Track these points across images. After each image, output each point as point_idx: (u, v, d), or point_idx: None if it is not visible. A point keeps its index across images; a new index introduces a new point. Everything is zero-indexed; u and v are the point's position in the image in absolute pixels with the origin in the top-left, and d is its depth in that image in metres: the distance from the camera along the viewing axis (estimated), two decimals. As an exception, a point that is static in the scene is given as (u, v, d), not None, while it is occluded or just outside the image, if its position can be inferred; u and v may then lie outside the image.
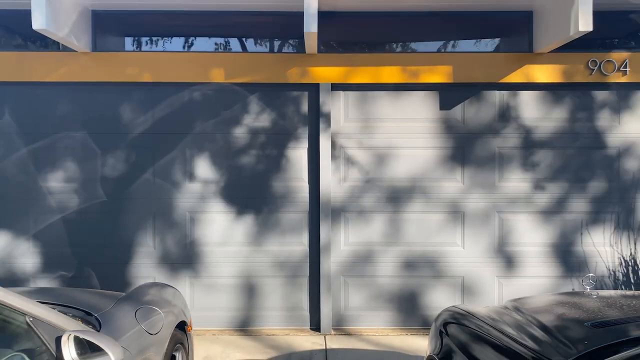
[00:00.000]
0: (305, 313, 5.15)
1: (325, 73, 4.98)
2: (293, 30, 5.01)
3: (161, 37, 5.23)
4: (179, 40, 5.25)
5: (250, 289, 5.14)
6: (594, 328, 2.10)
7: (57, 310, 2.14)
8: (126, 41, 5.24)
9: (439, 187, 5.09)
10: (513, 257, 5.11)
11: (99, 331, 2.31)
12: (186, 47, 5.23)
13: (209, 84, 5.05)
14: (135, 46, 5.24)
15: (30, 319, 1.86)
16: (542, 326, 2.30)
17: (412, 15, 5.06)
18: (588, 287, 2.99)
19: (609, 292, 2.99)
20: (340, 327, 5.14)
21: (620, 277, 5.12)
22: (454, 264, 5.11)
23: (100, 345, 1.88)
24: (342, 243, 5.12)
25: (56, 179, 5.06)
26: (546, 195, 5.11)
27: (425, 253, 5.10)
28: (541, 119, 5.11)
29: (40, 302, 2.06)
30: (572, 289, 5.05)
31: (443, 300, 5.09)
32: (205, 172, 5.09)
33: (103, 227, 5.06)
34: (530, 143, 5.11)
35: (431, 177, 5.09)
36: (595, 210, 5.11)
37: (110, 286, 4.83)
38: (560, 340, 2.04)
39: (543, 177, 5.11)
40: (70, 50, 4.95)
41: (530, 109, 5.11)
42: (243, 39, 5.25)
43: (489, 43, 5.28)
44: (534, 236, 5.11)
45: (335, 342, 4.81)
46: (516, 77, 5.02)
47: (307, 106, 5.09)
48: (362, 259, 5.12)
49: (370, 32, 5.24)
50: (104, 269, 5.08)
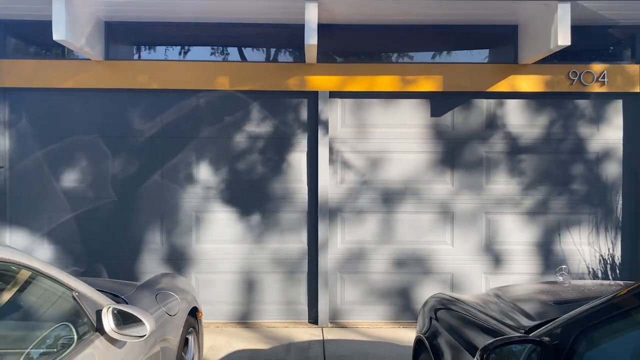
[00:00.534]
0: (304, 307, 5.46)
1: (324, 82, 5.31)
2: (293, 41, 5.36)
3: (169, 46, 5.55)
4: (186, 49, 5.57)
5: (252, 284, 5.45)
6: (555, 305, 2.44)
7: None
8: (136, 50, 5.57)
9: (430, 189, 5.43)
10: (499, 255, 5.45)
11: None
12: (192, 57, 5.55)
13: (214, 91, 5.37)
14: (144, 55, 5.56)
15: (76, 294, 2.18)
16: (517, 307, 2.63)
17: (405, 28, 5.41)
18: (561, 277, 3.32)
19: (578, 282, 3.32)
20: (337, 321, 5.45)
21: (599, 274, 5.47)
22: (443, 262, 5.44)
23: (137, 315, 2.19)
24: (338, 241, 5.44)
25: (70, 179, 5.36)
26: (530, 197, 5.45)
27: (417, 251, 5.43)
28: (526, 125, 5.46)
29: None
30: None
31: (433, 295, 5.41)
32: (210, 174, 5.40)
33: (113, 225, 5.36)
34: (515, 148, 5.46)
35: (422, 179, 5.43)
36: (576, 212, 5.46)
37: (120, 280, 5.13)
38: (529, 315, 2.38)
39: (527, 180, 5.46)
40: (84, 59, 5.27)
41: (515, 116, 5.46)
42: (246, 49, 5.58)
43: (477, 54, 5.63)
44: (519, 235, 5.45)
45: (332, 334, 5.13)
46: (502, 86, 5.37)
47: (306, 113, 5.42)
48: (357, 257, 5.45)
49: (366, 43, 5.58)
50: (113, 264, 5.37)
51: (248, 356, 4.56)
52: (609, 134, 5.46)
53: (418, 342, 3.08)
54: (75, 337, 2.12)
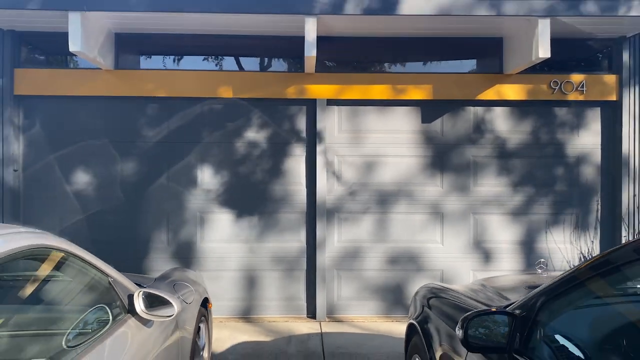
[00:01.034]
0: (302, 303, 5.78)
1: (321, 90, 5.65)
2: (293, 52, 5.70)
3: (175, 56, 5.87)
4: (191, 59, 5.89)
5: (253, 281, 5.76)
6: (529, 289, 2.78)
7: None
8: (144, 60, 5.88)
9: (421, 191, 5.78)
10: (486, 252, 5.80)
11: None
12: (197, 66, 5.87)
13: (218, 99, 5.69)
14: (152, 64, 5.87)
15: (111, 279, 2.49)
16: (500, 294, 2.96)
17: (397, 40, 5.77)
18: (540, 269, 3.66)
19: (555, 272, 3.67)
20: (334, 315, 5.77)
21: (580, 271, 5.82)
22: (434, 259, 5.78)
23: (166, 297, 2.51)
24: (335, 240, 5.77)
25: (80, 182, 5.66)
26: (515, 198, 5.81)
27: (409, 249, 5.77)
28: (510, 131, 5.82)
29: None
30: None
31: (424, 291, 5.76)
32: (213, 177, 5.72)
33: (122, 225, 5.65)
34: (501, 153, 5.82)
35: (414, 182, 5.77)
36: (557, 212, 5.82)
37: (129, 278, 5.42)
38: (506, 298, 2.72)
39: (512, 182, 5.82)
40: (94, 68, 5.57)
41: (501, 122, 5.82)
42: (248, 59, 5.91)
43: (465, 64, 6.00)
44: (505, 234, 5.81)
45: (329, 328, 5.45)
46: (488, 94, 5.73)
47: (305, 119, 5.76)
48: (353, 255, 5.77)
49: (361, 54, 5.93)
50: (122, 263, 5.56)
51: (251, 347, 4.86)
52: (588, 140, 5.84)
53: (410, 327, 3.41)
54: (111, 317, 2.42)
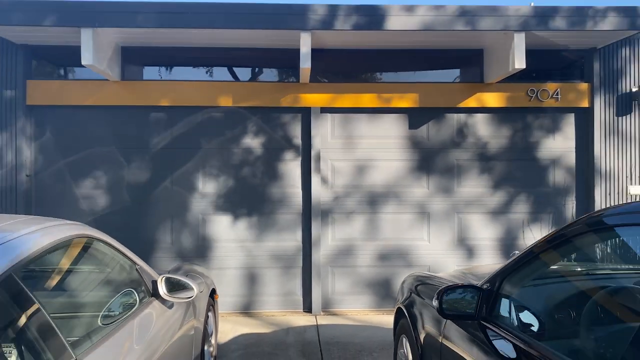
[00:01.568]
0: (299, 298, 6.16)
1: (315, 99, 6.06)
2: (289, 63, 6.11)
3: (177, 67, 6.25)
4: (192, 70, 6.28)
5: (252, 278, 6.13)
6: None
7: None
8: (148, 71, 6.26)
9: (409, 192, 6.19)
10: (469, 249, 6.22)
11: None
12: (198, 77, 6.26)
13: (218, 107, 6.08)
14: (156, 75, 6.25)
15: (138, 267, 2.86)
16: (477, 278, 3.37)
17: (386, 52, 6.20)
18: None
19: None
20: (328, 309, 6.16)
21: (557, 266, 6.26)
22: (421, 255, 6.20)
23: (186, 280, 2.89)
24: (329, 239, 6.17)
25: (89, 186, 6.01)
26: (496, 198, 6.24)
27: (398, 246, 6.18)
28: (491, 136, 6.26)
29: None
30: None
31: (413, 285, 6.16)
32: (214, 181, 6.10)
33: (129, 227, 6.00)
34: (482, 156, 6.25)
35: (402, 184, 6.19)
36: (535, 211, 6.26)
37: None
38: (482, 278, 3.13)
39: (493, 183, 6.25)
40: (102, 79, 5.94)
41: (482, 128, 6.26)
42: (247, 69, 6.32)
43: (449, 74, 6.44)
44: (487, 232, 6.24)
45: (324, 320, 5.83)
46: (471, 102, 6.17)
47: (300, 126, 6.16)
48: (346, 252, 6.17)
49: (352, 66, 6.35)
50: (128, 262, 6.00)
51: (253, 338, 5.23)
52: (563, 143, 6.29)
53: (398, 311, 3.80)
54: (137, 300, 2.79)
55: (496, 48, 5.87)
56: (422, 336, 3.18)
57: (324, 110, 6.14)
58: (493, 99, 6.16)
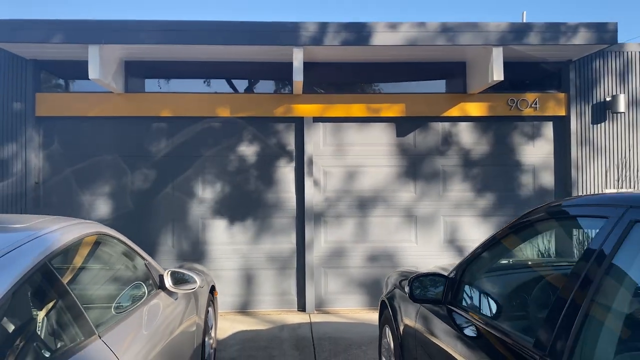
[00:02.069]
0: (293, 297, 6.50)
1: (308, 109, 6.44)
2: (282, 75, 6.49)
3: (178, 80, 6.62)
4: (192, 82, 6.65)
5: (249, 279, 6.47)
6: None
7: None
8: (151, 84, 6.62)
9: (397, 197, 6.55)
10: (456, 250, 6.58)
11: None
12: (197, 89, 6.62)
13: (216, 117, 6.44)
14: (157, 88, 6.62)
15: (147, 262, 3.21)
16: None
17: (374, 65, 6.58)
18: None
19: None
20: (321, 308, 6.50)
21: (537, 265, 6.62)
22: (409, 257, 6.55)
23: (190, 274, 3.24)
24: (322, 241, 6.51)
25: (94, 192, 6.36)
26: (480, 202, 6.61)
27: (387, 248, 6.53)
28: (474, 143, 6.64)
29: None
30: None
31: (401, 285, 6.51)
32: (213, 187, 6.45)
33: (132, 231, 6.30)
34: (466, 162, 6.62)
35: (390, 188, 6.55)
36: (518, 213, 6.62)
37: (139, 277, 6.12)
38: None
39: (477, 188, 6.62)
40: (106, 91, 6.31)
41: (466, 136, 6.63)
42: (243, 82, 6.68)
43: (434, 85, 6.82)
44: (471, 234, 6.59)
45: (318, 318, 6.17)
46: (454, 111, 6.54)
47: (293, 134, 6.53)
48: (338, 254, 6.52)
49: (343, 78, 6.72)
50: (132, 264, 6.34)
51: (250, 334, 5.57)
52: (543, 149, 6.67)
53: (382, 303, 4.15)
54: (146, 291, 3.13)
55: (477, 61, 6.25)
56: (401, 326, 3.53)
57: (316, 119, 6.50)
58: (475, 109, 6.54)
